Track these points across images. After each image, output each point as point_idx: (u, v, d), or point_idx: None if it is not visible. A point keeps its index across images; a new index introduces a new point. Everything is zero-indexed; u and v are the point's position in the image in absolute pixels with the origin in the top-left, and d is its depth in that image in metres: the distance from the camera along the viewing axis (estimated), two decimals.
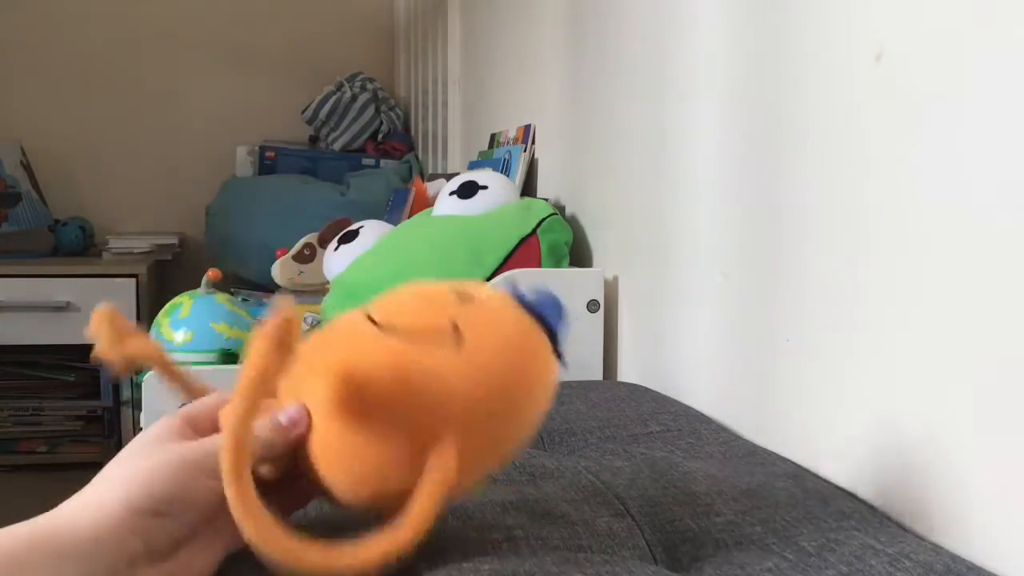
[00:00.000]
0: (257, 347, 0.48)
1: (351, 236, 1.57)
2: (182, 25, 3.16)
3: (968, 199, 0.66)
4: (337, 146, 2.95)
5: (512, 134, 1.80)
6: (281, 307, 0.48)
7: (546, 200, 1.49)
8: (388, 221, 1.80)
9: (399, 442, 0.54)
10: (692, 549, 0.63)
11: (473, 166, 1.90)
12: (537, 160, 1.70)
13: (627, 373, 1.29)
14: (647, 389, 1.10)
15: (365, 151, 2.97)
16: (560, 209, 1.53)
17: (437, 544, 0.63)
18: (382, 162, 2.90)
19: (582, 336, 1.29)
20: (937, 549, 0.56)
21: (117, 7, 3.13)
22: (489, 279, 1.29)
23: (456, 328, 0.55)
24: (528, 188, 1.72)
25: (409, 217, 1.75)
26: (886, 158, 0.75)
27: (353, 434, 0.54)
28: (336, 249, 1.57)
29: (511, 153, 1.73)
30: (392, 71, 3.29)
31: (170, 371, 0.63)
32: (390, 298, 0.60)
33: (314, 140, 3.04)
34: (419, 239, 1.40)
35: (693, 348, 1.09)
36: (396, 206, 1.99)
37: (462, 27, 2.38)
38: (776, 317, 0.90)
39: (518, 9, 1.85)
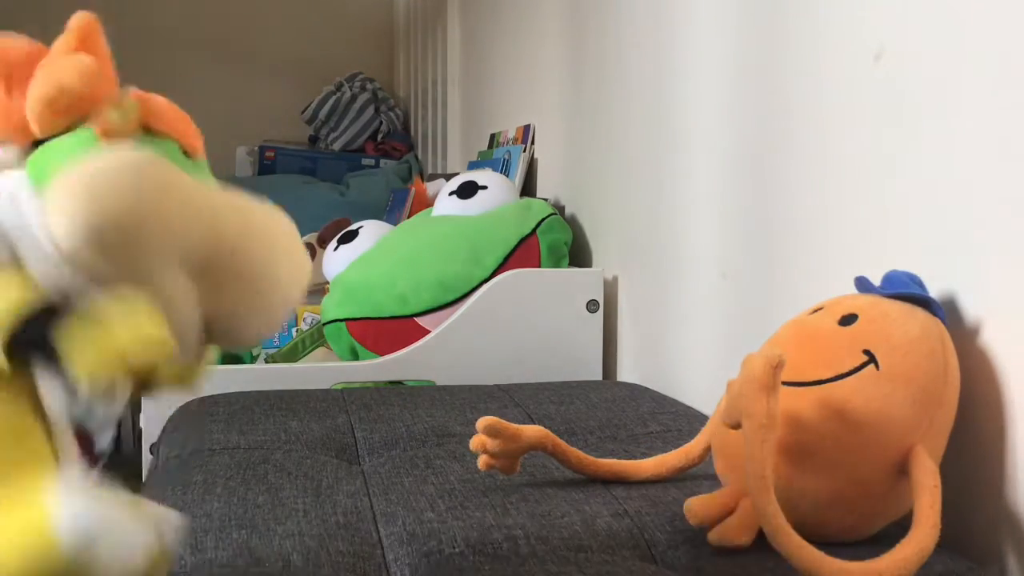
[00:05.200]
0: (752, 396, 0.56)
1: (351, 236, 1.57)
2: (182, 25, 3.15)
3: (967, 198, 0.66)
4: (337, 146, 2.95)
5: (512, 134, 1.80)
6: (763, 356, 0.56)
7: (546, 200, 1.49)
8: (388, 221, 1.80)
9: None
10: (692, 549, 0.63)
11: (473, 166, 1.89)
12: (536, 160, 1.70)
13: (627, 373, 1.29)
14: (647, 389, 1.10)
15: (365, 151, 2.97)
16: (560, 209, 1.53)
17: (438, 544, 0.63)
18: (382, 162, 2.90)
19: (582, 336, 1.29)
20: (937, 550, 0.56)
21: (117, 7, 3.12)
22: (488, 279, 1.29)
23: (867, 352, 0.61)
24: (528, 188, 1.72)
25: (409, 217, 1.75)
26: (885, 157, 0.75)
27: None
28: (336, 249, 1.57)
29: (511, 153, 1.73)
30: (392, 71, 3.29)
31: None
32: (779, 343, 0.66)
33: (314, 140, 3.03)
34: (419, 239, 1.40)
35: (693, 348, 1.09)
36: (396, 206, 1.99)
37: (462, 27, 2.38)
38: (776, 317, 0.90)
39: (518, 10, 1.85)
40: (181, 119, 0.50)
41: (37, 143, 0.49)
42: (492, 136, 1.94)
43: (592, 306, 1.29)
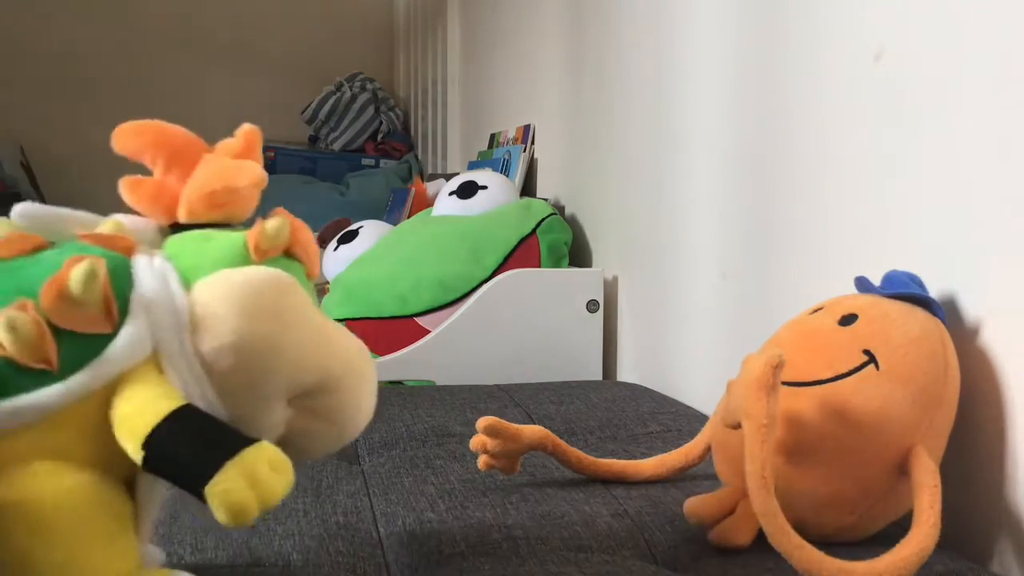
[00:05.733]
0: (752, 396, 0.55)
1: (351, 236, 1.57)
2: (182, 25, 3.15)
3: (967, 198, 0.66)
4: (337, 146, 2.95)
5: (512, 134, 1.80)
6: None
7: (546, 200, 1.49)
8: (388, 221, 1.80)
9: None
10: (692, 549, 0.63)
11: (473, 166, 1.90)
12: (536, 160, 1.70)
13: (627, 373, 1.29)
14: (647, 389, 1.10)
15: (365, 151, 2.97)
16: (560, 209, 1.53)
17: (438, 544, 0.63)
18: (382, 162, 2.90)
19: (582, 336, 1.29)
20: (937, 550, 0.56)
21: (117, 7, 3.13)
22: (488, 279, 1.29)
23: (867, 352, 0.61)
24: (528, 188, 1.72)
25: (409, 217, 1.75)
26: (885, 157, 0.75)
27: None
28: (336, 249, 1.57)
29: (511, 153, 1.73)
30: (392, 71, 3.29)
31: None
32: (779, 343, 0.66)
33: (314, 140, 3.03)
34: (419, 239, 1.40)
35: (693, 348, 1.09)
36: (396, 206, 1.99)
37: (462, 27, 2.38)
38: (775, 317, 0.90)
39: (518, 9, 1.85)
40: (312, 244, 0.52)
41: (176, 226, 0.51)
42: (492, 136, 1.94)
43: (592, 306, 1.29)
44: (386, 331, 1.30)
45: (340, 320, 1.32)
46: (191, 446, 0.43)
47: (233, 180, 0.51)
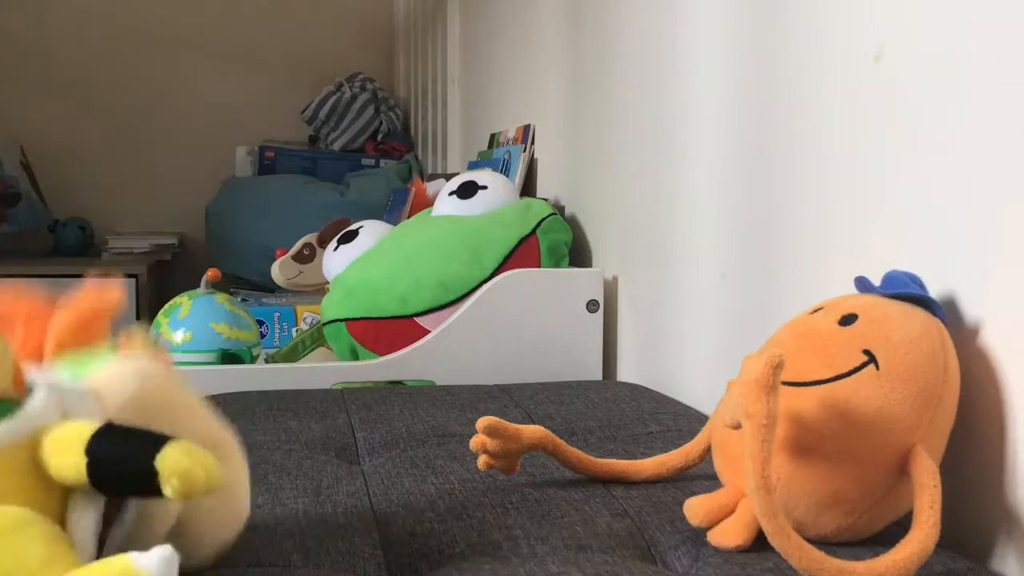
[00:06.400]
0: (752, 396, 0.55)
1: (350, 236, 1.57)
2: (182, 25, 3.16)
3: (967, 198, 0.66)
4: (337, 146, 2.95)
5: (512, 134, 1.80)
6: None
7: (546, 200, 1.49)
8: (388, 221, 1.80)
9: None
10: (692, 549, 0.63)
11: (473, 166, 1.90)
12: (537, 160, 1.70)
13: (627, 373, 1.29)
14: (647, 389, 1.10)
15: (365, 151, 2.97)
16: (560, 209, 1.53)
17: (438, 544, 0.63)
18: (382, 162, 2.90)
19: (582, 336, 1.29)
20: (937, 550, 0.56)
21: (117, 7, 3.13)
22: (488, 279, 1.29)
23: (867, 352, 0.61)
24: (528, 188, 1.72)
25: (408, 217, 1.75)
26: (885, 157, 0.75)
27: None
28: (335, 249, 1.57)
29: (511, 153, 1.73)
30: (392, 71, 3.29)
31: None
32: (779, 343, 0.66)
33: (314, 140, 3.04)
34: (419, 239, 1.40)
35: (693, 348, 1.09)
36: (396, 206, 1.99)
37: (462, 27, 2.38)
38: (775, 317, 0.90)
39: (518, 9, 1.85)
40: (104, 333, 0.58)
41: None
42: (492, 136, 1.94)
43: (592, 306, 1.29)
44: (386, 331, 1.30)
45: (340, 320, 1.32)
46: (131, 440, 0.46)
47: (85, 304, 0.58)
